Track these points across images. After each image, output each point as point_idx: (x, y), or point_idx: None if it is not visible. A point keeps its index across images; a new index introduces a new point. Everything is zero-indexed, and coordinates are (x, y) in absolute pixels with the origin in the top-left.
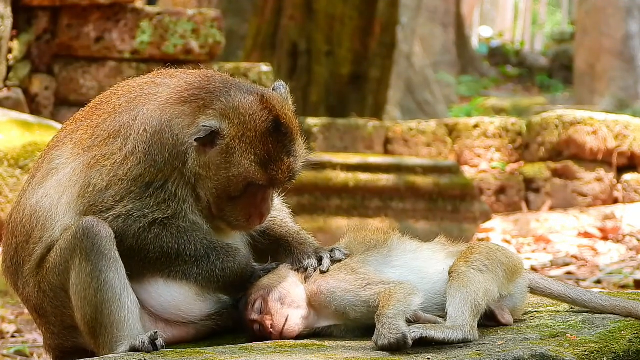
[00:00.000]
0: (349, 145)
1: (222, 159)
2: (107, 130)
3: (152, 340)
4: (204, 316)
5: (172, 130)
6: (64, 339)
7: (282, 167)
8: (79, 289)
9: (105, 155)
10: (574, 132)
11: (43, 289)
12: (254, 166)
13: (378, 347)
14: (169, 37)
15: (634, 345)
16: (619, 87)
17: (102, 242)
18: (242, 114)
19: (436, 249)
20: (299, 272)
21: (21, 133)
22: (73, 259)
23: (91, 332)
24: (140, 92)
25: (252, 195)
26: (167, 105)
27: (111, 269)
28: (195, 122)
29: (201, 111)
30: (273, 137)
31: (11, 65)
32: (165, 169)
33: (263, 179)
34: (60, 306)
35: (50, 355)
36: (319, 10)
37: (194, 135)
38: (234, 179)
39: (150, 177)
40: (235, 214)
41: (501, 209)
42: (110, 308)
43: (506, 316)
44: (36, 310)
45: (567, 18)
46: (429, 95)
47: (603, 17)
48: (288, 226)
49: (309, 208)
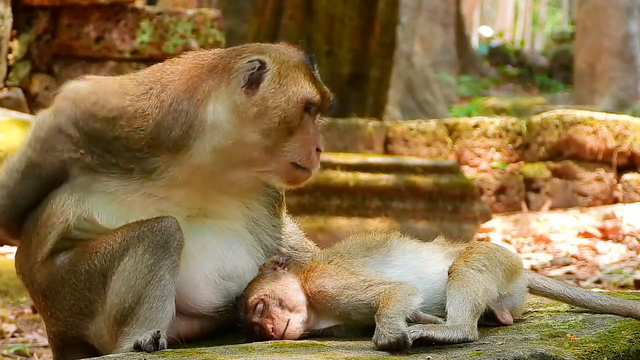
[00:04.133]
0: (349, 145)
1: (276, 85)
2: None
3: (154, 339)
4: (212, 309)
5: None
6: (68, 326)
7: (324, 86)
8: (131, 276)
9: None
10: (574, 132)
11: (69, 272)
12: (307, 82)
13: (378, 347)
14: (169, 37)
15: (634, 345)
16: (619, 87)
17: (174, 243)
18: (275, 50)
19: (436, 249)
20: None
21: (21, 133)
22: (135, 247)
23: (120, 319)
24: (160, 70)
25: (307, 126)
26: (192, 76)
27: (170, 271)
28: (233, 70)
29: (231, 65)
30: (308, 64)
31: (11, 65)
32: (162, 147)
33: (317, 95)
34: (84, 289)
35: (52, 345)
36: (319, 10)
37: (244, 73)
38: (293, 100)
39: (143, 145)
40: (297, 150)
41: (501, 209)
42: (152, 304)
43: (506, 316)
44: (44, 294)
45: (567, 18)
46: (429, 95)
47: (603, 17)
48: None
49: (308, 208)
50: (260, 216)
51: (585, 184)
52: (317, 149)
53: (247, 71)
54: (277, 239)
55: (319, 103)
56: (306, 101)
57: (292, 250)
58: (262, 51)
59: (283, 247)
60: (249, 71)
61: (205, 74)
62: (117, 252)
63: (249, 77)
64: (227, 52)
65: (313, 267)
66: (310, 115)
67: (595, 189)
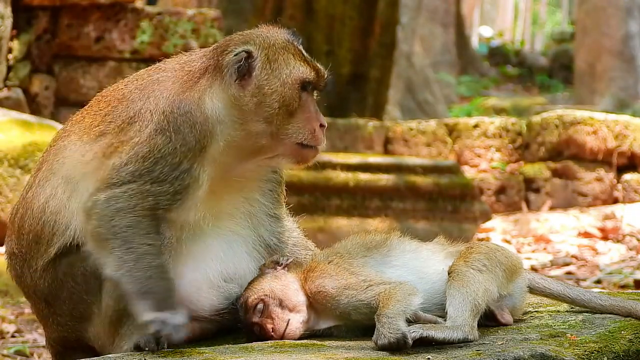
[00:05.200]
0: (349, 145)
1: (268, 71)
2: (121, 117)
3: (156, 339)
4: (213, 312)
5: (201, 104)
6: (69, 330)
7: (316, 62)
8: None
9: (123, 141)
10: (574, 132)
11: (67, 275)
12: (299, 62)
13: (378, 347)
14: (169, 37)
15: (634, 345)
16: (619, 87)
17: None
18: (258, 36)
19: (435, 249)
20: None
21: (21, 133)
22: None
23: (117, 320)
24: (149, 78)
25: (306, 105)
26: (186, 81)
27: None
28: (222, 67)
29: (220, 62)
30: (295, 42)
31: (11, 65)
32: (194, 150)
33: (311, 73)
34: (81, 292)
35: (51, 350)
36: (319, 10)
37: (233, 67)
38: (288, 82)
39: (180, 157)
40: (301, 130)
41: (501, 209)
42: None
43: (506, 316)
44: (45, 300)
45: (567, 18)
46: (429, 95)
47: (603, 17)
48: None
49: (309, 208)
50: (261, 213)
51: (585, 184)
52: (320, 125)
53: (236, 64)
54: (279, 234)
55: (314, 80)
56: (301, 81)
57: (293, 247)
58: (246, 41)
59: (284, 244)
60: (237, 64)
61: (198, 77)
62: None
63: (239, 70)
64: (213, 51)
65: (313, 267)
66: (307, 94)
67: (595, 189)
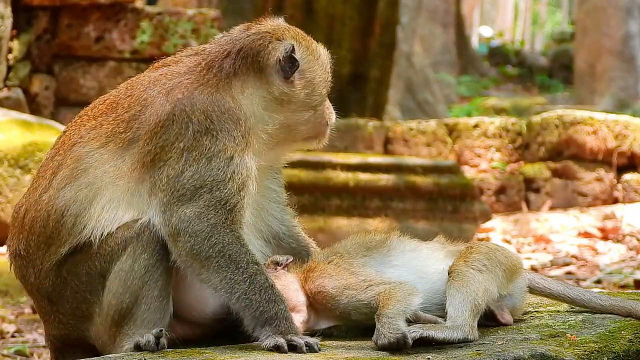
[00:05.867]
0: (349, 145)
1: (312, 60)
2: (150, 122)
3: (156, 339)
4: (216, 318)
5: (236, 99)
6: (70, 328)
7: None
8: (127, 276)
9: (162, 147)
10: (574, 132)
11: (71, 273)
12: (317, 43)
13: (378, 347)
14: (169, 37)
15: (634, 345)
16: (619, 87)
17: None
18: (286, 29)
19: (435, 248)
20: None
21: (21, 133)
22: (134, 247)
23: (118, 320)
24: (170, 82)
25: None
26: (216, 82)
27: (168, 270)
28: (265, 65)
29: (259, 59)
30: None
31: (11, 65)
32: (242, 144)
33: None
34: (85, 291)
35: (51, 346)
36: (319, 10)
37: (278, 65)
38: (326, 65)
39: (231, 151)
40: (328, 110)
41: (501, 209)
42: (149, 305)
43: (506, 316)
44: (48, 297)
45: (567, 18)
46: (429, 95)
47: (603, 17)
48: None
49: (309, 208)
50: (270, 201)
51: (585, 184)
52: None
53: (283, 60)
54: (288, 222)
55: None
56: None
57: (299, 238)
58: (279, 36)
59: (292, 235)
60: (284, 60)
61: (228, 76)
62: (116, 253)
63: (283, 67)
64: (242, 50)
65: (313, 267)
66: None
67: (595, 189)
